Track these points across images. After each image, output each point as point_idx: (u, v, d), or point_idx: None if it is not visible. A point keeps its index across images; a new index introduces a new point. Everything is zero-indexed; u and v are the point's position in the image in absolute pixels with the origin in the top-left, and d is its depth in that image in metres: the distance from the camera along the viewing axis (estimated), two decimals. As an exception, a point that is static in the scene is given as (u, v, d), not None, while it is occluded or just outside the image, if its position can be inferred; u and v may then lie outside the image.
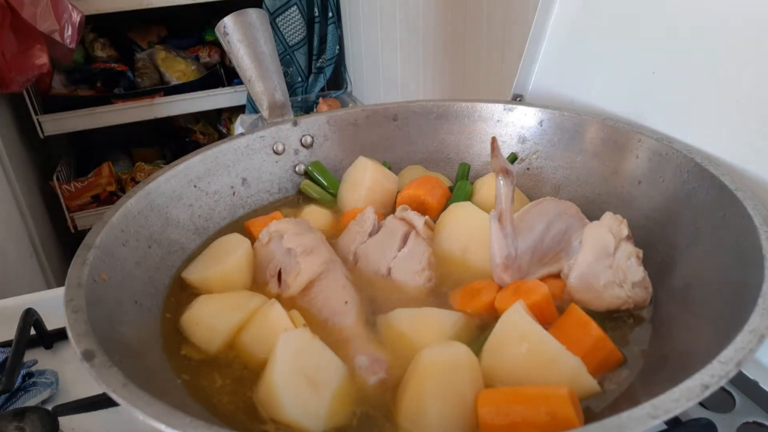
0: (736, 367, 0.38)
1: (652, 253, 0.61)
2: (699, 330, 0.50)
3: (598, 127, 0.75)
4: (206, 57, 2.59)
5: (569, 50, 0.85)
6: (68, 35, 1.71)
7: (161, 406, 0.39)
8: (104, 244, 0.58)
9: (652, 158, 0.68)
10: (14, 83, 1.67)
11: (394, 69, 1.86)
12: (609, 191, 0.73)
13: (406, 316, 0.58)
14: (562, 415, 0.43)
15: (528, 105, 0.82)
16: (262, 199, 0.82)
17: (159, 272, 0.65)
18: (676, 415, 0.36)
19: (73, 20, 1.74)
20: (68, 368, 0.67)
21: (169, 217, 0.70)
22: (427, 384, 0.48)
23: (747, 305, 0.43)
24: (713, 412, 0.57)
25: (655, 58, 0.71)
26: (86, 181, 2.33)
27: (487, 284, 0.62)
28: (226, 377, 0.54)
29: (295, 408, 0.47)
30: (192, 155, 0.75)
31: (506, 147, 0.83)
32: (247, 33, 0.82)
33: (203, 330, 0.58)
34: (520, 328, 0.51)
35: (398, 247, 0.67)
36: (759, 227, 0.50)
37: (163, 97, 2.32)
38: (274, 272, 0.65)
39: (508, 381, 0.50)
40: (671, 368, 0.49)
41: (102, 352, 0.44)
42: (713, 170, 0.59)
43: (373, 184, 0.78)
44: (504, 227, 0.59)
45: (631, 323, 0.58)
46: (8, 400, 0.61)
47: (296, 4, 2.13)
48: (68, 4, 1.72)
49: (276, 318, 0.56)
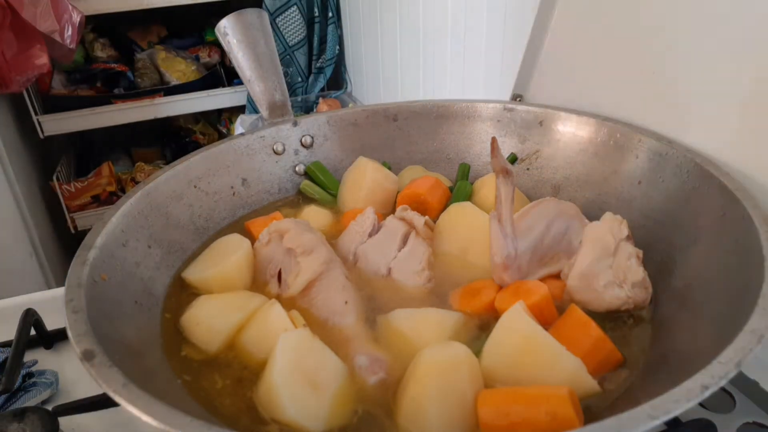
0: (736, 368, 0.38)
1: (652, 253, 0.61)
2: (699, 330, 0.50)
3: (597, 127, 0.75)
4: (206, 57, 2.59)
5: (569, 50, 0.85)
6: (68, 35, 1.71)
7: (161, 406, 0.39)
8: (104, 244, 0.58)
9: (652, 158, 0.68)
10: (14, 83, 1.67)
11: (394, 69, 1.85)
12: (609, 191, 0.73)
13: (406, 316, 0.59)
14: (562, 415, 0.43)
15: (528, 105, 0.82)
16: (262, 199, 0.82)
17: (159, 272, 0.65)
18: (676, 415, 0.36)
19: (73, 20, 1.74)
20: (68, 368, 0.67)
21: (169, 217, 0.70)
22: (427, 384, 0.48)
23: (747, 305, 0.43)
24: (713, 413, 0.57)
25: (655, 58, 0.71)
26: (86, 181, 2.33)
27: (487, 284, 0.62)
28: (226, 377, 0.54)
29: (295, 408, 0.47)
30: (192, 155, 0.75)
31: (506, 147, 0.83)
32: (247, 33, 0.82)
33: (203, 330, 0.58)
34: (520, 328, 0.51)
35: (398, 247, 0.67)
36: (759, 227, 0.50)
37: (163, 97, 2.32)
38: (274, 272, 0.65)
39: (508, 381, 0.50)
40: (671, 368, 0.49)
41: (102, 352, 0.44)
42: (713, 170, 0.59)
43: (373, 184, 0.78)
44: (504, 227, 0.59)
45: (631, 323, 0.58)
46: (8, 400, 0.61)
47: (296, 4, 2.13)
48: (68, 4, 1.72)
49: (276, 318, 0.56)
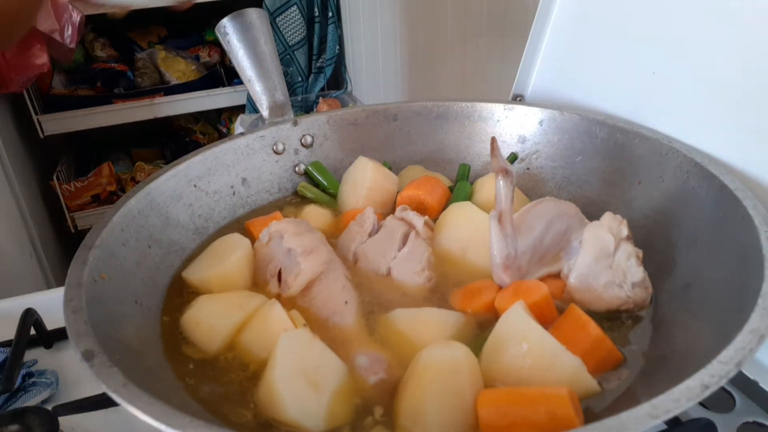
0: (736, 367, 0.38)
1: (652, 253, 0.61)
2: (699, 330, 0.50)
3: (597, 127, 0.75)
4: (206, 57, 2.59)
5: (569, 50, 0.85)
6: (68, 35, 1.71)
7: (161, 406, 0.39)
8: (104, 244, 0.58)
9: (652, 158, 0.68)
10: (14, 83, 1.67)
11: (394, 69, 1.85)
12: (609, 191, 0.73)
13: (406, 316, 0.59)
14: (562, 415, 0.43)
15: (528, 105, 0.82)
16: (262, 199, 0.82)
17: (159, 272, 0.65)
18: (676, 415, 0.36)
19: (73, 20, 1.74)
20: (68, 368, 0.67)
21: (169, 217, 0.70)
22: (427, 384, 0.48)
23: (747, 305, 0.43)
24: (713, 412, 0.57)
25: (655, 58, 0.71)
26: (86, 181, 2.33)
27: (487, 284, 0.62)
28: (226, 377, 0.54)
29: (295, 408, 0.47)
30: (192, 155, 0.75)
31: (506, 147, 0.83)
32: (247, 33, 0.82)
33: (203, 330, 0.58)
34: (520, 328, 0.51)
35: (398, 247, 0.67)
36: (759, 227, 0.50)
37: (163, 97, 2.32)
38: (274, 272, 0.65)
39: (507, 381, 0.50)
40: (671, 368, 0.49)
41: (102, 352, 0.44)
42: (713, 170, 0.59)
43: (373, 184, 0.78)
44: (504, 227, 0.59)
45: (631, 323, 0.58)
46: (8, 400, 0.61)
47: (296, 4, 2.13)
48: (68, 4, 1.72)
49: (276, 318, 0.56)
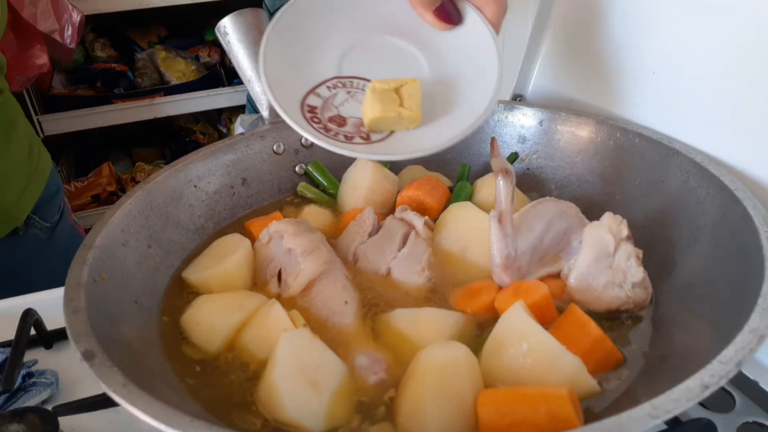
0: (736, 367, 0.38)
1: (652, 253, 0.61)
2: (699, 330, 0.50)
3: (597, 127, 0.75)
4: (206, 57, 2.59)
5: (569, 50, 0.85)
6: (68, 35, 1.71)
7: (161, 406, 0.39)
8: (104, 244, 0.58)
9: (652, 158, 0.68)
10: (14, 83, 1.67)
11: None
12: (609, 191, 0.73)
13: (406, 316, 0.59)
14: (562, 415, 0.43)
15: (528, 105, 0.82)
16: (262, 199, 0.82)
17: (159, 272, 0.65)
18: (676, 415, 0.36)
19: (73, 20, 1.74)
20: (68, 368, 0.67)
21: (169, 217, 0.70)
22: (427, 384, 0.48)
23: (747, 305, 0.43)
24: (713, 412, 0.57)
25: (655, 58, 0.71)
26: (86, 181, 2.33)
27: (487, 284, 0.62)
28: (226, 377, 0.54)
29: (295, 408, 0.47)
30: (192, 155, 0.75)
31: (506, 147, 0.83)
32: (247, 33, 0.81)
33: (203, 330, 0.58)
34: (520, 328, 0.51)
35: (398, 248, 0.67)
36: (759, 227, 0.50)
37: (163, 97, 2.32)
38: (274, 272, 0.65)
39: (507, 381, 0.50)
40: (671, 368, 0.49)
41: (102, 352, 0.44)
42: (713, 170, 0.59)
43: (373, 184, 0.78)
44: (504, 227, 0.59)
45: (631, 323, 0.58)
46: (8, 400, 0.61)
47: (296, 4, 2.12)
48: (68, 4, 1.72)
49: (276, 318, 0.56)
